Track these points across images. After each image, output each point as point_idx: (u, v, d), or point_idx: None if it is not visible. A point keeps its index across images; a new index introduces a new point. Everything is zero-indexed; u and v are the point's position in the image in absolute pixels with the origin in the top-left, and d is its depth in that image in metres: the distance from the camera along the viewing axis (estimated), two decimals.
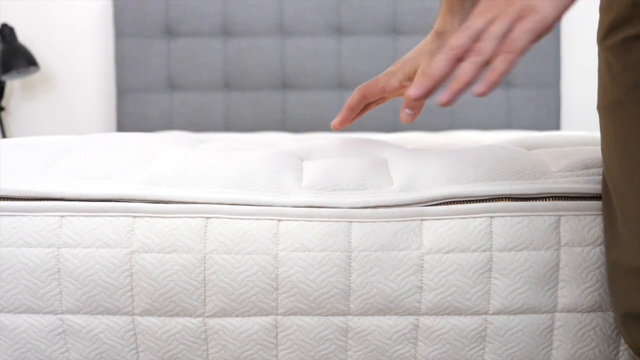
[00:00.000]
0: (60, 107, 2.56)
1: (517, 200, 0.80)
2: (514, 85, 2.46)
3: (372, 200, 0.80)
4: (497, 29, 0.64)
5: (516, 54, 0.63)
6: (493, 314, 0.79)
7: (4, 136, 2.47)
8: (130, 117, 2.45)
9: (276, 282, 0.77)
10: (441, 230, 0.79)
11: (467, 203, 0.80)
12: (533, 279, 0.79)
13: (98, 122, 2.56)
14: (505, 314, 0.79)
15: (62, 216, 0.79)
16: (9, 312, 0.79)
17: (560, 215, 0.80)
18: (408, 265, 0.78)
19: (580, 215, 0.80)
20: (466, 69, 0.64)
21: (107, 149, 0.95)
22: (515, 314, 0.79)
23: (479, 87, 0.63)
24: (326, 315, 0.78)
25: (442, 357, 0.79)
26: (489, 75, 0.63)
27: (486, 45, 0.64)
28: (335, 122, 0.94)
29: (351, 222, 0.79)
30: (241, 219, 0.79)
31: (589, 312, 0.80)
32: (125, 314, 0.78)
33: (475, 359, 0.80)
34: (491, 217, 0.79)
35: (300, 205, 0.80)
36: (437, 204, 0.80)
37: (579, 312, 0.80)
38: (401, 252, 0.78)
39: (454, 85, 0.65)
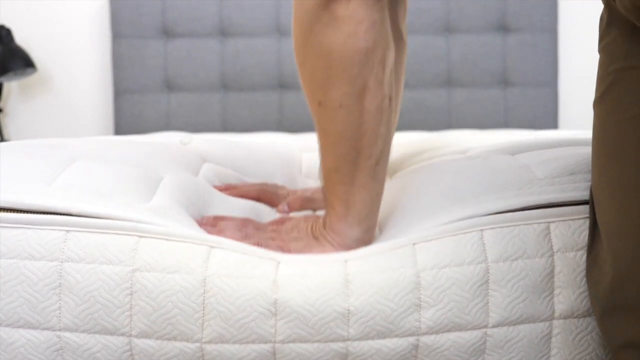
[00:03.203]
0: (58, 109, 2.55)
1: (505, 212, 0.81)
2: (511, 84, 2.46)
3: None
4: (264, 242, 0.85)
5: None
6: (493, 326, 0.78)
7: (1, 138, 2.47)
8: (127, 118, 2.44)
9: (275, 307, 0.76)
10: (434, 249, 0.79)
11: (455, 222, 0.81)
12: (530, 287, 0.78)
13: (95, 123, 2.55)
14: (504, 325, 0.78)
15: (67, 231, 0.79)
16: (7, 326, 0.78)
17: (549, 222, 0.80)
18: (405, 283, 0.77)
19: (569, 220, 0.81)
20: (229, 232, 0.87)
21: (112, 160, 0.95)
22: (514, 324, 0.78)
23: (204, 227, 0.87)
24: (325, 342, 0.77)
25: None
26: (215, 232, 0.86)
27: (251, 239, 0.86)
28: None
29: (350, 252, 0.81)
30: (243, 253, 0.79)
31: (585, 316, 0.80)
32: (123, 334, 0.77)
33: None
34: (481, 230, 0.80)
35: None
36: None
37: (575, 317, 0.79)
38: (397, 270, 0.78)
39: (213, 230, 0.87)
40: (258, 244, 0.83)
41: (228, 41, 2.44)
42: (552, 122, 2.46)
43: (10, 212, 0.81)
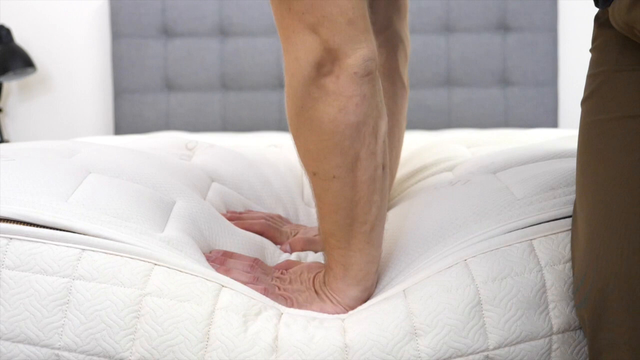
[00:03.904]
0: (58, 108, 2.55)
1: (486, 240, 0.82)
2: (511, 84, 2.46)
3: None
4: (269, 288, 0.87)
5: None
6: (494, 348, 0.78)
7: (1, 137, 2.47)
8: (127, 118, 2.44)
9: (275, 343, 0.77)
10: (421, 286, 0.80)
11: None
12: (524, 304, 0.78)
13: (95, 123, 2.55)
14: (505, 346, 0.78)
15: (82, 249, 0.80)
16: (6, 339, 0.78)
17: (531, 240, 0.81)
18: (396, 313, 0.78)
19: (552, 235, 0.82)
20: (236, 273, 0.88)
21: (126, 176, 0.97)
22: (514, 344, 0.78)
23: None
24: None
25: None
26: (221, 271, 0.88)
27: (258, 281, 0.88)
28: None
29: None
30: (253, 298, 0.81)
31: (582, 328, 0.80)
32: (121, 359, 0.77)
33: None
34: (465, 260, 0.81)
35: None
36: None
37: (572, 330, 0.79)
38: (387, 305, 0.79)
39: (219, 267, 0.89)
40: (265, 291, 0.85)
41: (228, 41, 2.44)
42: (552, 121, 2.46)
43: (26, 224, 0.81)
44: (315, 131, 0.80)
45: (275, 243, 1.07)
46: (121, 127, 2.44)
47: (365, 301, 0.85)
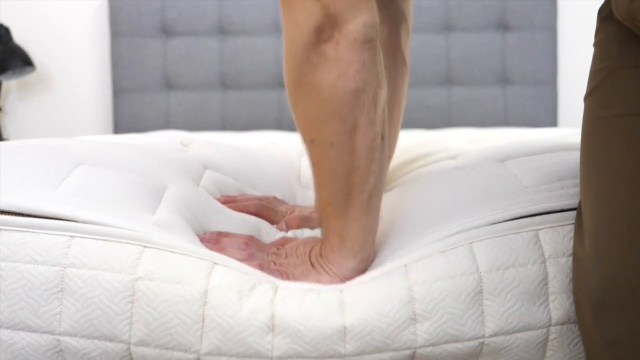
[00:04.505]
0: (57, 107, 2.55)
1: (492, 224, 0.82)
2: (510, 83, 2.46)
3: None
4: (265, 264, 0.87)
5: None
6: (490, 336, 0.78)
7: (0, 137, 2.47)
8: (126, 117, 2.44)
9: (272, 322, 0.76)
10: (424, 265, 0.79)
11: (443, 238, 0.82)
12: (524, 295, 0.78)
13: (94, 122, 2.55)
14: (501, 334, 0.78)
15: (71, 236, 0.79)
16: (7, 328, 0.78)
17: (537, 230, 0.81)
18: (398, 298, 0.77)
19: (557, 227, 0.81)
20: (231, 251, 0.88)
21: (116, 166, 0.96)
22: (511, 333, 0.78)
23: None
24: (323, 358, 0.77)
25: None
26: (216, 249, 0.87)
27: (253, 259, 0.87)
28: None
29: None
30: (247, 273, 0.80)
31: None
32: (122, 341, 0.77)
33: None
34: (470, 243, 0.80)
35: None
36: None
37: (571, 322, 0.79)
38: (389, 287, 0.78)
39: (215, 247, 0.88)
40: (260, 266, 0.84)
41: (227, 40, 2.44)
42: (551, 120, 2.46)
43: (14, 215, 0.81)
44: (314, 97, 0.79)
45: (271, 223, 1.06)
46: (120, 126, 2.44)
47: (361, 272, 0.84)
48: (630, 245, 0.71)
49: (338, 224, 0.83)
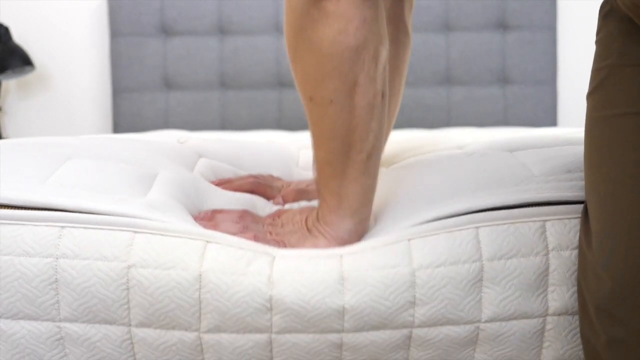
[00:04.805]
0: (56, 107, 2.55)
1: (501, 209, 0.81)
2: (510, 82, 2.46)
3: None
4: (262, 236, 0.85)
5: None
6: (486, 321, 0.78)
7: (0, 136, 2.46)
8: (126, 117, 2.44)
9: (270, 303, 0.76)
10: (430, 246, 0.79)
11: (451, 217, 0.81)
12: (524, 285, 0.78)
13: (94, 122, 2.55)
14: (497, 321, 0.79)
15: (62, 227, 0.79)
16: (7, 318, 0.78)
17: (544, 221, 0.80)
18: (400, 282, 0.77)
19: (565, 219, 0.81)
20: (226, 227, 0.86)
21: (108, 158, 0.95)
22: (507, 320, 0.79)
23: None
24: (321, 333, 0.77)
25: (434, 359, 0.79)
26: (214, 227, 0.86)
27: (249, 232, 0.85)
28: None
29: (344, 247, 0.81)
30: (239, 248, 0.79)
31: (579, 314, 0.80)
32: (122, 324, 0.77)
33: (466, 359, 0.80)
34: (477, 227, 0.79)
35: None
36: (422, 222, 0.81)
37: (569, 314, 0.79)
38: (392, 269, 0.78)
39: (209, 224, 0.86)
40: (255, 238, 0.83)
41: (227, 39, 2.44)
42: (551, 119, 2.46)
43: (5, 208, 0.81)
44: (314, 53, 0.78)
45: (267, 199, 1.04)
46: (120, 125, 2.44)
47: (360, 235, 0.83)
48: (638, 245, 0.71)
49: (336, 184, 0.82)
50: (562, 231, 0.80)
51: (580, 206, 0.81)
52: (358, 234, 0.83)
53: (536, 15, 2.43)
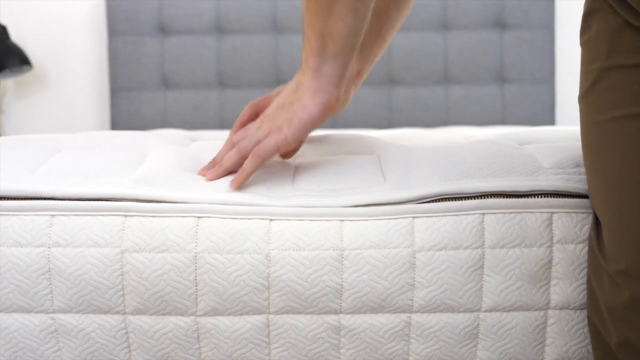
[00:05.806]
0: (54, 106, 2.55)
1: (509, 197, 0.80)
2: (508, 81, 2.46)
3: (364, 199, 0.80)
4: (255, 135, 0.84)
5: (260, 160, 0.82)
6: (485, 311, 0.78)
7: None
8: (124, 116, 2.44)
9: (268, 282, 0.76)
10: (433, 228, 0.78)
11: (458, 200, 0.80)
12: (525, 276, 0.78)
13: (92, 121, 2.55)
14: (497, 311, 0.79)
15: (52, 215, 0.79)
16: (0, 311, 0.78)
17: (552, 213, 0.80)
18: (400, 263, 0.77)
19: (572, 212, 0.80)
20: (228, 159, 0.85)
21: (98, 147, 0.95)
22: (507, 311, 0.79)
23: (231, 182, 0.82)
24: (318, 314, 0.77)
25: (435, 354, 0.79)
26: (238, 174, 0.82)
27: (246, 145, 0.84)
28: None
29: (343, 220, 0.79)
30: (233, 218, 0.78)
31: (582, 309, 0.80)
32: (117, 312, 0.77)
33: (468, 356, 0.79)
34: (483, 213, 0.79)
35: (292, 205, 0.80)
36: (428, 202, 0.80)
37: (571, 309, 0.79)
38: (393, 250, 0.77)
39: (217, 169, 0.85)
40: (246, 138, 0.84)
41: (225, 38, 2.44)
42: (549, 118, 2.46)
43: None
44: None
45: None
46: (118, 124, 2.44)
47: (342, 81, 0.83)
48: None
49: (321, 21, 0.81)
50: (568, 224, 0.80)
51: (588, 201, 0.81)
52: (341, 79, 0.83)
53: (534, 14, 2.43)
